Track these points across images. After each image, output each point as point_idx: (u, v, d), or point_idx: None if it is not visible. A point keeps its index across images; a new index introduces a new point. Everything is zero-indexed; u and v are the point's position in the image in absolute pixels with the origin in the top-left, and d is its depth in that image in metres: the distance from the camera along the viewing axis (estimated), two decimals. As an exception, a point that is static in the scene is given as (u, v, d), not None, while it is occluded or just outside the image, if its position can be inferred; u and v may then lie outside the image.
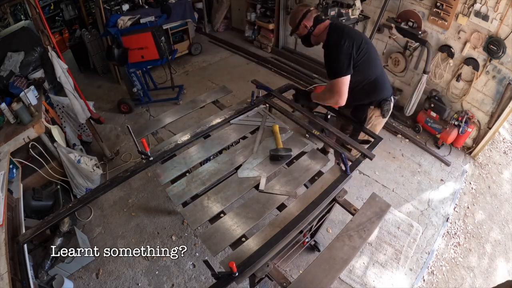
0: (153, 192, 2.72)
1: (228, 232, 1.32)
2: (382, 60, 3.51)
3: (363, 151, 1.67)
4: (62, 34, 4.87)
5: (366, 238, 1.32)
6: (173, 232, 2.41)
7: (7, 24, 3.60)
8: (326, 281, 1.19)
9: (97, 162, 2.68)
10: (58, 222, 2.02)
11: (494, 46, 2.56)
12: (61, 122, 2.75)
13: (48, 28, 2.22)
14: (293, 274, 2.13)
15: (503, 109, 2.71)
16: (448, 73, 3.02)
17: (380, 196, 1.48)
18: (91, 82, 4.31)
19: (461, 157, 3.09)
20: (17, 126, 2.18)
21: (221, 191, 1.49)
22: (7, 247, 1.34)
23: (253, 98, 1.99)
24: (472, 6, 2.60)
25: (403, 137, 3.27)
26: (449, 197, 2.72)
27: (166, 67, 3.61)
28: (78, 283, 2.13)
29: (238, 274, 1.15)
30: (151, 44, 3.19)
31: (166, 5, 3.79)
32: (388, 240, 2.35)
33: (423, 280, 2.18)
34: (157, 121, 1.98)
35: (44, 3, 4.84)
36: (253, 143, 1.72)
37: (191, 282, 2.14)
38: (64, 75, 2.34)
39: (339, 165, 1.60)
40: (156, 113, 3.48)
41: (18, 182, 1.91)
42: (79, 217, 2.53)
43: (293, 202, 1.44)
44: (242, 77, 4.26)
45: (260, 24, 4.72)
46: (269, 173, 1.57)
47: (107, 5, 3.69)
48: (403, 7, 3.08)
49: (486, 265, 2.30)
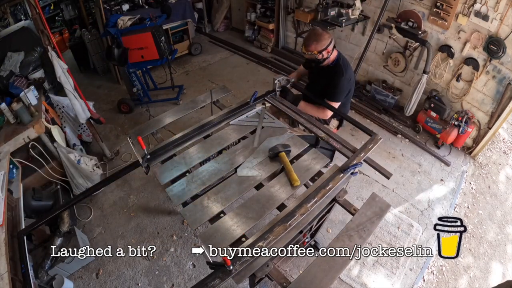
0: (153, 192, 2.72)
1: (228, 232, 1.32)
2: (382, 60, 3.53)
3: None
4: (62, 34, 4.87)
5: (366, 238, 1.32)
6: (173, 232, 2.41)
7: (7, 24, 3.59)
8: (326, 281, 1.19)
9: (97, 162, 2.68)
10: (59, 220, 2.03)
11: (494, 46, 2.56)
12: (61, 122, 2.74)
13: (48, 28, 2.22)
14: (293, 274, 2.13)
15: (503, 109, 2.71)
16: (448, 73, 3.02)
17: (380, 196, 1.48)
18: (91, 82, 4.31)
19: (461, 157, 3.09)
20: (17, 126, 2.18)
21: (221, 191, 1.49)
22: (7, 247, 1.34)
23: (252, 98, 1.99)
24: (472, 6, 2.60)
25: (403, 137, 3.27)
26: (449, 197, 2.72)
27: (166, 67, 3.60)
28: (78, 283, 2.13)
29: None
30: (151, 44, 3.19)
31: (166, 5, 3.79)
32: (388, 240, 2.35)
33: (423, 280, 2.18)
34: (157, 121, 1.97)
35: (44, 3, 4.84)
36: (252, 143, 1.72)
37: (191, 282, 2.14)
38: (64, 75, 2.34)
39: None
40: (156, 113, 3.48)
41: (18, 182, 1.91)
42: (79, 217, 2.53)
43: (293, 201, 1.44)
44: (242, 77, 4.26)
45: (260, 24, 4.72)
46: (269, 172, 1.57)
47: (107, 5, 3.68)
48: (403, 7, 3.08)
49: (486, 265, 2.30)
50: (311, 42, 1.92)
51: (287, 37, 4.62)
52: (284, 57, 4.56)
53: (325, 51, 1.92)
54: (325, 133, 1.81)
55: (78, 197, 1.73)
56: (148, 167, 1.60)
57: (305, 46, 1.95)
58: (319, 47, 1.90)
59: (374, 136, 1.74)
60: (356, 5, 3.30)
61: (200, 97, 2.14)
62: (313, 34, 1.96)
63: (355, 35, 3.69)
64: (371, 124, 3.42)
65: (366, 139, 1.75)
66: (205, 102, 2.10)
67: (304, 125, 1.89)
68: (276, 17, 4.44)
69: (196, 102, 2.11)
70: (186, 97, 3.89)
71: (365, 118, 3.50)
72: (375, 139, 1.72)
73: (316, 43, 1.90)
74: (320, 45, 1.90)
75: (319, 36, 1.91)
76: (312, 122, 1.89)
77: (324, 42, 1.90)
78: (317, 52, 1.91)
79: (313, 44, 1.91)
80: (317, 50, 1.91)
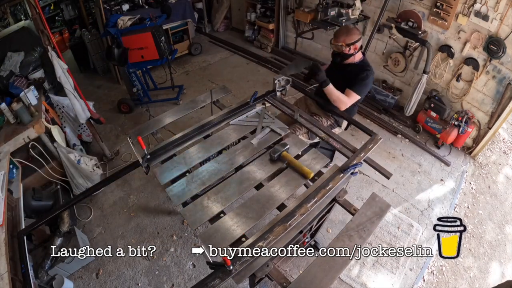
0: (153, 192, 2.72)
1: (228, 232, 1.32)
2: (382, 60, 3.53)
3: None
4: (62, 34, 4.87)
5: (366, 238, 1.32)
6: (173, 232, 2.41)
7: (7, 24, 3.60)
8: (326, 281, 1.19)
9: (97, 162, 2.68)
10: (59, 220, 2.03)
11: (494, 46, 2.56)
12: (61, 122, 2.74)
13: (48, 28, 2.22)
14: (293, 274, 2.13)
15: (503, 109, 2.71)
16: (448, 73, 3.02)
17: (380, 196, 1.48)
18: (91, 82, 4.31)
19: (461, 157, 3.09)
20: (17, 126, 2.18)
21: (221, 191, 1.49)
22: (7, 247, 1.34)
23: (252, 98, 1.99)
24: (472, 6, 2.60)
25: (403, 137, 3.27)
26: (449, 197, 2.72)
27: (166, 67, 3.60)
28: (78, 283, 2.13)
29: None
30: (151, 44, 3.19)
31: (166, 5, 3.78)
32: (388, 240, 2.36)
33: (423, 280, 2.18)
34: (157, 121, 1.97)
35: (44, 3, 4.83)
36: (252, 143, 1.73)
37: (191, 282, 2.14)
38: (64, 75, 2.34)
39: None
40: (156, 113, 3.48)
41: (18, 182, 1.91)
42: (79, 217, 2.54)
43: (293, 202, 1.44)
44: (242, 77, 4.25)
45: (260, 24, 4.71)
46: (269, 172, 1.57)
47: (107, 5, 3.68)
48: (403, 7, 3.07)
49: (486, 265, 2.30)
50: (342, 34, 1.99)
51: (287, 37, 4.61)
52: (284, 57, 4.56)
53: (353, 46, 1.97)
54: (325, 133, 1.81)
55: (78, 197, 1.73)
56: (148, 167, 1.60)
57: (335, 38, 2.01)
58: (348, 40, 1.96)
59: (374, 136, 1.74)
60: (356, 5, 3.30)
61: (200, 97, 2.14)
62: (345, 27, 2.10)
63: (355, 35, 3.69)
64: (371, 124, 3.42)
65: (366, 139, 1.75)
66: (205, 102, 2.10)
67: (304, 125, 1.89)
68: (276, 17, 4.44)
69: (196, 102, 2.11)
70: (186, 97, 3.89)
71: (365, 118, 3.50)
72: (375, 139, 1.72)
73: (346, 36, 1.97)
74: (349, 38, 1.96)
75: (350, 30, 2.01)
76: (312, 122, 1.89)
77: (354, 36, 1.97)
78: (346, 44, 1.96)
79: (343, 36, 1.97)
80: (346, 42, 1.96)
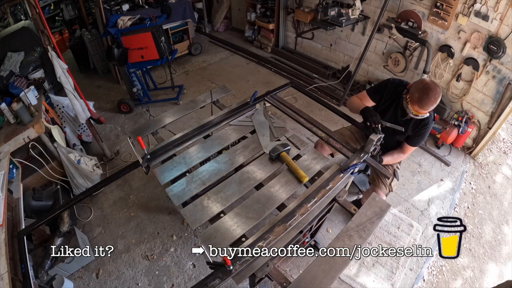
0: (153, 192, 2.72)
1: (228, 232, 1.32)
2: (382, 60, 3.53)
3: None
4: (62, 34, 4.86)
5: (366, 238, 1.32)
6: (173, 232, 2.41)
7: (7, 24, 3.60)
8: (326, 281, 1.19)
9: (97, 162, 2.68)
10: (59, 220, 2.03)
11: (494, 46, 2.56)
12: (61, 122, 2.74)
13: (48, 28, 2.21)
14: (293, 274, 2.13)
15: (503, 109, 2.71)
16: (448, 73, 3.02)
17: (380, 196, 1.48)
18: (91, 82, 4.31)
19: (461, 157, 3.09)
20: (17, 126, 2.18)
21: (221, 191, 1.49)
22: (7, 247, 1.34)
23: (252, 98, 1.99)
24: (472, 6, 2.60)
25: (403, 137, 3.27)
26: (449, 197, 2.72)
27: (166, 67, 3.61)
28: (78, 283, 2.13)
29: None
30: (151, 44, 3.19)
31: (166, 5, 3.79)
32: (388, 240, 2.35)
33: (423, 280, 2.18)
34: (157, 121, 1.98)
35: (44, 3, 4.83)
36: (252, 143, 1.73)
37: (191, 282, 2.13)
38: (64, 75, 2.34)
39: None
40: (156, 113, 3.48)
41: (18, 182, 1.91)
42: (79, 217, 2.53)
43: (293, 202, 1.45)
44: (242, 77, 4.25)
45: (260, 24, 4.72)
46: (269, 172, 1.58)
47: (107, 5, 3.68)
48: (403, 7, 3.08)
49: (486, 265, 2.30)
50: (432, 103, 1.57)
51: (287, 37, 4.61)
52: (284, 57, 4.56)
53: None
54: (325, 133, 1.81)
55: (78, 197, 1.73)
56: (148, 167, 1.60)
57: (422, 106, 1.59)
58: (434, 103, 1.58)
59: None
60: (356, 5, 3.30)
61: (200, 97, 2.14)
62: (433, 93, 1.56)
63: (355, 35, 3.69)
64: (371, 124, 3.42)
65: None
66: (205, 102, 2.10)
67: (304, 125, 1.89)
68: (276, 17, 4.44)
69: (196, 102, 2.11)
70: (186, 97, 3.88)
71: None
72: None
73: (435, 103, 1.58)
74: (434, 101, 1.58)
75: (438, 94, 1.57)
76: (313, 122, 1.89)
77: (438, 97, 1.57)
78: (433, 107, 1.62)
79: (433, 105, 1.58)
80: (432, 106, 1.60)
